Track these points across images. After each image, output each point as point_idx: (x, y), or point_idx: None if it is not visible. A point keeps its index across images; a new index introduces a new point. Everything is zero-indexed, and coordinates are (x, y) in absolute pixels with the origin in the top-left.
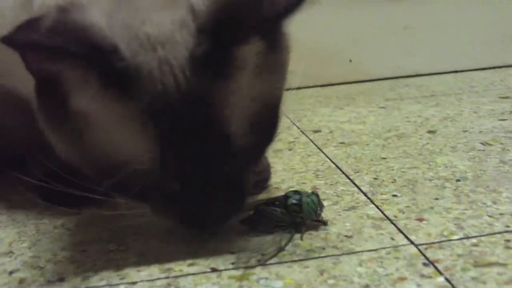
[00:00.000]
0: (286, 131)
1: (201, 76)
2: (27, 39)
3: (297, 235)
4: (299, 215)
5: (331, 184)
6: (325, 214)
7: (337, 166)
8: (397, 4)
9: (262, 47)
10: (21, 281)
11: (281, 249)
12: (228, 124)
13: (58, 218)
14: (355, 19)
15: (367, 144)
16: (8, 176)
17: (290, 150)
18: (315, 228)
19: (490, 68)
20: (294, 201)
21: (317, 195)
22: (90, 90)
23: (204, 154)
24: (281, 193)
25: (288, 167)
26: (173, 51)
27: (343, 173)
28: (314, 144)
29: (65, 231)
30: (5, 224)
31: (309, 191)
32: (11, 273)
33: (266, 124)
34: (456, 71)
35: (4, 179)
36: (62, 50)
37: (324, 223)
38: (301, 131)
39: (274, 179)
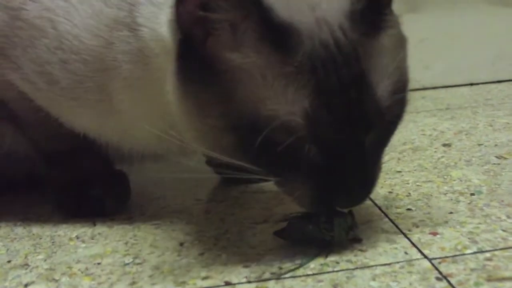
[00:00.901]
0: None
1: (357, 32)
2: None
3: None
4: (329, 234)
5: None
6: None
7: None
8: (413, 17)
9: (396, 17)
10: None
11: (300, 265)
12: (377, 85)
13: (73, 230)
14: None
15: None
16: (23, 190)
17: None
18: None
19: (506, 81)
20: (325, 220)
21: (352, 215)
22: (248, 42)
23: (355, 115)
24: None
25: None
26: (330, 10)
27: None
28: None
29: (80, 243)
30: (20, 236)
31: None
32: (26, 285)
33: (400, 102)
34: (472, 84)
35: (19, 193)
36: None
37: (358, 241)
38: None
39: None
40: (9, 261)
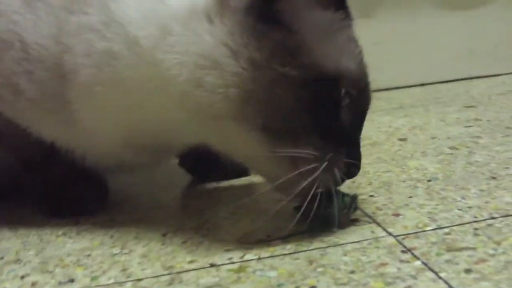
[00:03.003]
0: None
1: None
2: None
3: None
4: (327, 211)
5: None
6: None
7: None
8: (366, 22)
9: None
10: (34, 284)
11: (289, 234)
12: None
13: (59, 229)
14: None
15: None
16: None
17: None
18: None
19: (455, 80)
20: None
21: (354, 198)
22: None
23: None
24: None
25: None
26: None
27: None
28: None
29: (67, 239)
30: (8, 236)
31: (351, 194)
32: (22, 277)
33: None
34: (423, 84)
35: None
36: None
37: (353, 220)
38: None
39: (259, 186)
40: (1, 258)
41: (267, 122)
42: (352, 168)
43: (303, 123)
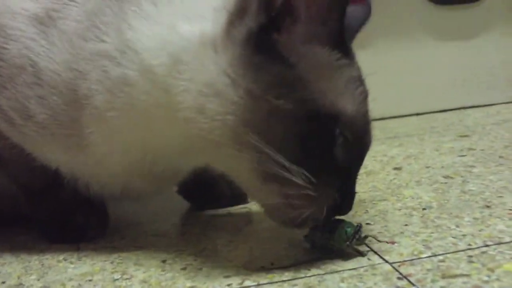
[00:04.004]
0: None
1: None
2: None
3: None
4: (330, 242)
5: None
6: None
7: None
8: (360, 52)
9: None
10: None
11: (292, 264)
12: None
13: (60, 254)
14: None
15: None
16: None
17: None
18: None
19: (450, 109)
20: (328, 229)
21: (357, 228)
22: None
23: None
24: None
25: None
26: None
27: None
28: None
29: (68, 264)
30: (9, 260)
31: (355, 224)
32: None
33: None
34: (418, 114)
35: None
36: None
37: (361, 254)
38: None
39: (256, 215)
40: (3, 282)
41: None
42: (344, 205)
43: (295, 155)
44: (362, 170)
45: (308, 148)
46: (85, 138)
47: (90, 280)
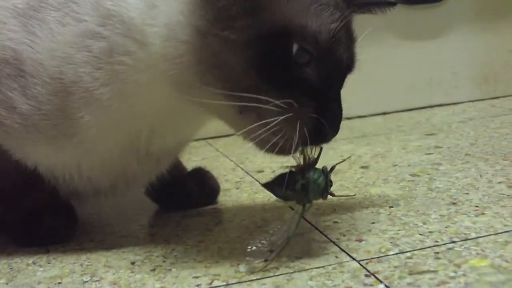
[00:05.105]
0: (231, 173)
1: None
2: None
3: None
4: (305, 197)
5: (278, 216)
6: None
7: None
8: None
9: None
10: None
11: (288, 238)
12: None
13: (29, 257)
14: None
15: None
16: None
17: (237, 188)
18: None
19: (416, 108)
20: (301, 184)
21: (326, 174)
22: None
23: (350, 54)
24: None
25: (238, 203)
26: None
27: (289, 206)
28: (259, 183)
29: (38, 267)
30: None
31: (320, 168)
32: None
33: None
34: (385, 113)
35: None
36: None
37: (332, 194)
38: (246, 171)
39: (226, 214)
40: None
41: (226, 84)
42: (324, 129)
43: (257, 82)
44: None
45: (268, 72)
46: (74, 125)
47: (59, 283)
